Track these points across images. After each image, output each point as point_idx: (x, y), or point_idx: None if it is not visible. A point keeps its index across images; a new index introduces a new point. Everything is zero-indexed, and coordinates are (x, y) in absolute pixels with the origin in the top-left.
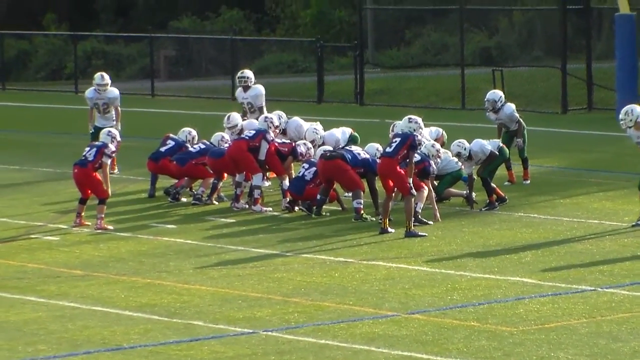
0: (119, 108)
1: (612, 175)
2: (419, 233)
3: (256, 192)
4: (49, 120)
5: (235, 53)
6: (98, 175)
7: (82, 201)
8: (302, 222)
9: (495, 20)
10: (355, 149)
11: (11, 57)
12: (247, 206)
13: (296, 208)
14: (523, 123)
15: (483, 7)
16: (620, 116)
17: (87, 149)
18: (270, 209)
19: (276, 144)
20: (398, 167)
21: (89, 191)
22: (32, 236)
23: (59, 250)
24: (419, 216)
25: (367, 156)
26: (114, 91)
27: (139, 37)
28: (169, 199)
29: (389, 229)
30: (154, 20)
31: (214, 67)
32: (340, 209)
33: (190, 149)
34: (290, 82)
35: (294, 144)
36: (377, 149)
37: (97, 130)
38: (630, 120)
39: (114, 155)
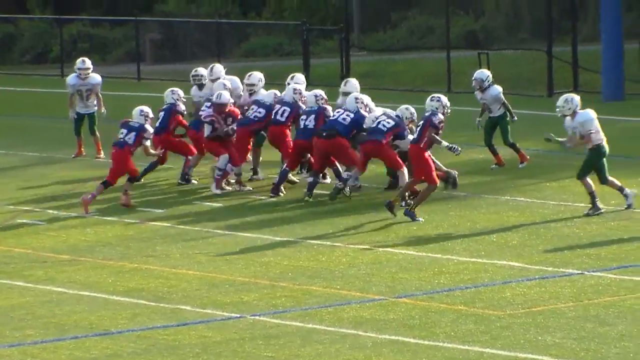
0: (100, 94)
1: None
2: (417, 218)
3: (217, 173)
4: (35, 104)
5: (221, 36)
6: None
7: (106, 184)
8: (289, 206)
9: (481, 3)
10: (338, 112)
11: None
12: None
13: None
14: (508, 106)
15: None
16: (559, 103)
17: (124, 130)
18: (244, 187)
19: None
20: (425, 154)
21: (118, 177)
22: (19, 221)
23: (46, 235)
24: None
25: (350, 116)
26: (96, 77)
27: (125, 20)
28: (180, 182)
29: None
30: (140, 4)
31: (199, 51)
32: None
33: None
34: (277, 65)
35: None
36: (357, 100)
37: (81, 116)
38: (569, 109)
39: (151, 135)
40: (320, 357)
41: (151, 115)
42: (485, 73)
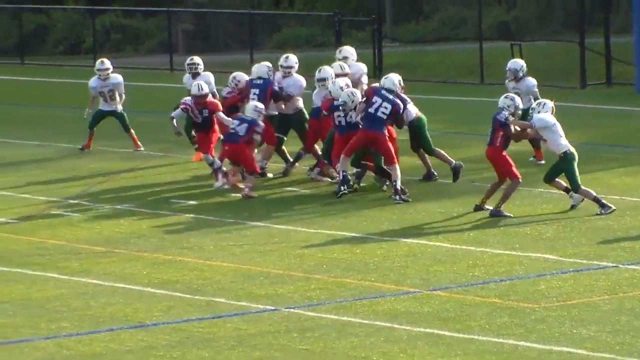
0: (123, 94)
1: (631, 151)
2: (504, 213)
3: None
4: (68, 95)
5: (253, 27)
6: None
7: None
8: (324, 197)
9: None
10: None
11: (29, 31)
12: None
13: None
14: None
15: None
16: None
17: (236, 122)
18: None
19: None
20: (503, 153)
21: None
22: (53, 212)
23: (80, 227)
24: (399, 189)
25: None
26: (117, 77)
27: (157, 11)
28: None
29: (486, 207)
30: None
31: (232, 42)
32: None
33: None
34: (309, 56)
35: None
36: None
37: (103, 113)
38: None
39: (261, 131)
40: (355, 350)
41: (264, 112)
42: (519, 63)
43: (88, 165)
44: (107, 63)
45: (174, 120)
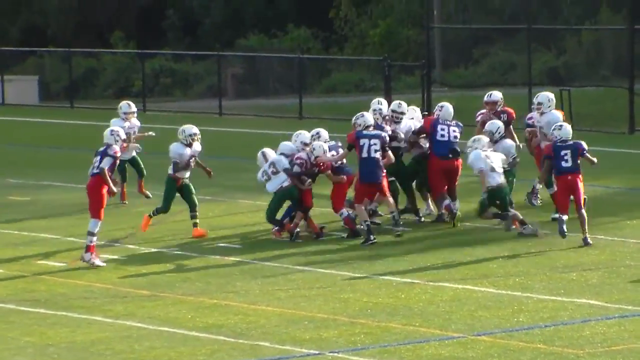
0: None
1: None
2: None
3: (89, 239)
4: None
5: (302, 71)
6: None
7: (305, 210)
8: (360, 244)
9: (563, 40)
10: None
11: (79, 75)
12: None
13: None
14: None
15: (551, 27)
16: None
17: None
18: (103, 264)
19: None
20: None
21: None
22: (99, 255)
23: (126, 270)
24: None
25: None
26: (137, 121)
27: (207, 55)
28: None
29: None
30: (222, 39)
31: (281, 86)
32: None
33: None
34: (358, 100)
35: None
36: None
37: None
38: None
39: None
40: None
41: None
42: (548, 95)
43: (135, 208)
44: (134, 106)
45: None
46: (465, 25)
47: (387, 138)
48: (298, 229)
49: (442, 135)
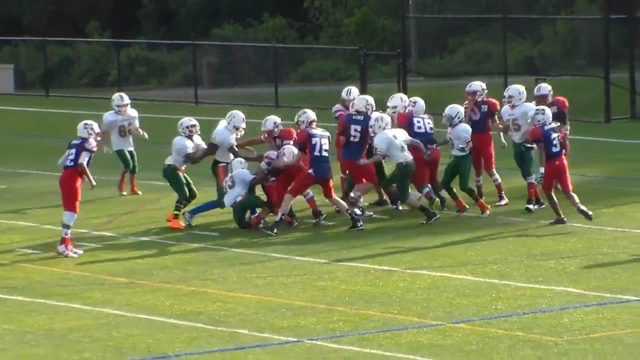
0: (139, 128)
1: None
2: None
3: (64, 232)
4: None
5: (278, 61)
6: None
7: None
8: (346, 230)
9: (538, 29)
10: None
11: (54, 63)
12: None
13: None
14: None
15: (526, 16)
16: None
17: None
18: (80, 251)
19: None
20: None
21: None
22: (77, 243)
23: (103, 258)
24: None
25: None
26: (134, 111)
27: (182, 44)
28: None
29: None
30: (197, 28)
31: (256, 75)
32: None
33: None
34: (333, 90)
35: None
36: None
37: (126, 151)
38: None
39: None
40: None
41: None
42: (518, 88)
43: (113, 197)
44: (127, 98)
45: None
46: (440, 15)
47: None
48: (262, 224)
49: (419, 128)
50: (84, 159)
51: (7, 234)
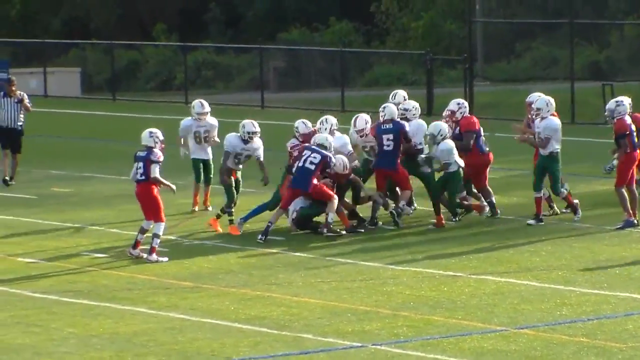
0: (217, 138)
1: None
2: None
3: (155, 242)
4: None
5: (344, 65)
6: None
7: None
8: (411, 235)
9: (606, 34)
10: None
11: (121, 67)
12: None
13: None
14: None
15: (594, 21)
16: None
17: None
18: (166, 258)
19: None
20: None
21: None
22: (142, 247)
23: (169, 262)
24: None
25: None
26: (214, 119)
27: (249, 48)
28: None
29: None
30: (264, 32)
31: (323, 79)
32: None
33: None
34: None
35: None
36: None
37: (200, 162)
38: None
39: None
40: None
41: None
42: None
43: (178, 200)
44: (207, 106)
45: None
46: (507, 20)
47: (329, 159)
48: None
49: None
50: (154, 171)
51: (73, 237)
